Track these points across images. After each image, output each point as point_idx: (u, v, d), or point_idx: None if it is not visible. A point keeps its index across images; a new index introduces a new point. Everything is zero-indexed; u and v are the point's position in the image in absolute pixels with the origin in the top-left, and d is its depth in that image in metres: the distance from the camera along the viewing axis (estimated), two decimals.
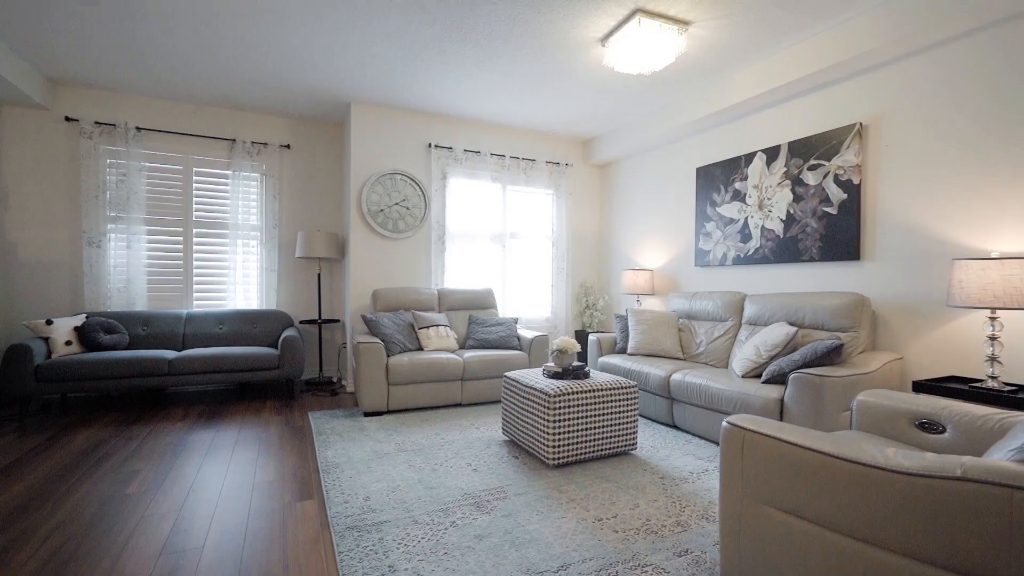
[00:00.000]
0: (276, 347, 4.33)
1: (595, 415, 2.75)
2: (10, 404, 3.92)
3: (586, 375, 2.93)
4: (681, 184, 4.67)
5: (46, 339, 3.64)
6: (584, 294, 5.66)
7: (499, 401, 4.14)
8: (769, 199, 3.78)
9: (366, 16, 3.04)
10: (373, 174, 4.59)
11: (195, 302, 4.56)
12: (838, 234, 3.30)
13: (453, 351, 4.14)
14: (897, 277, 3.01)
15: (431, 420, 3.59)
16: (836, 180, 3.31)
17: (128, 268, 4.26)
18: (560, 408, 2.65)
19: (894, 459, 1.19)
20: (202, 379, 3.83)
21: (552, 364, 2.98)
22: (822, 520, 1.31)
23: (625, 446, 2.85)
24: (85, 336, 3.74)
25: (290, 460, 2.80)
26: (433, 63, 3.68)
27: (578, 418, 2.70)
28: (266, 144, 4.74)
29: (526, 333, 4.37)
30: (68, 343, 3.68)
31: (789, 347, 3.03)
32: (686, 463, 2.78)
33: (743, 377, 3.14)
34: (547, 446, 2.64)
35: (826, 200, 3.37)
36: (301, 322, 4.69)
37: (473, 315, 4.59)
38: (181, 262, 4.51)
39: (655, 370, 3.54)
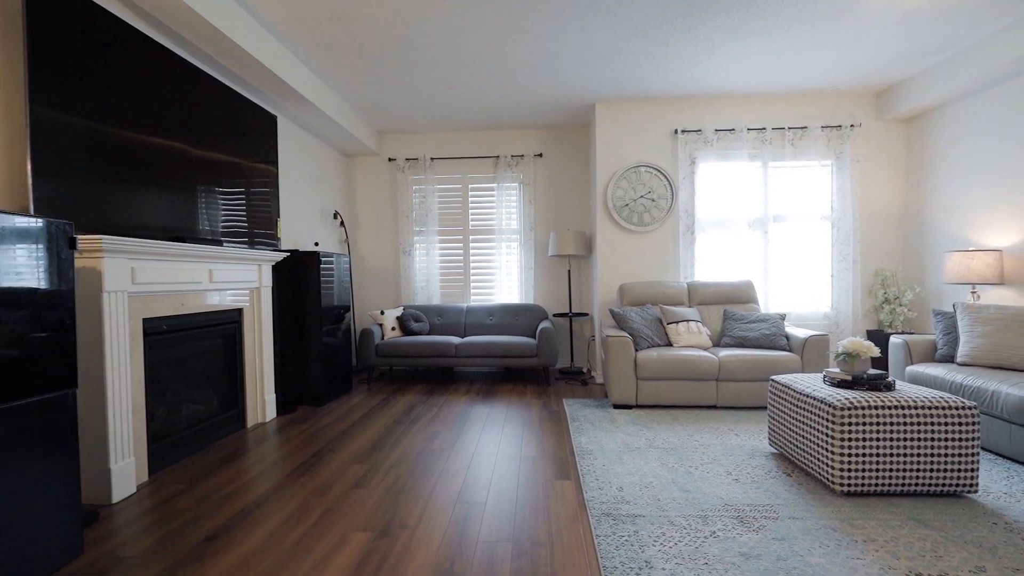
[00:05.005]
0: (534, 337, 4.81)
1: (905, 439, 2.15)
2: (361, 371, 5.43)
3: (889, 386, 2.32)
4: None
5: (380, 325, 4.90)
6: (880, 285, 4.50)
7: (763, 407, 3.66)
8: None
9: (610, 12, 3.08)
10: (618, 170, 4.63)
11: (472, 297, 5.46)
12: None
13: (706, 348, 3.85)
14: None
15: (682, 419, 3.42)
16: None
17: (427, 270, 5.39)
18: (850, 424, 2.16)
19: None
20: (478, 362, 4.55)
21: (837, 370, 2.46)
22: None
23: (956, 485, 2.15)
24: (403, 324, 4.89)
25: (549, 441, 3.06)
26: (679, 44, 3.47)
27: (878, 440, 2.16)
28: (522, 156, 5.31)
29: (797, 332, 3.74)
30: (393, 328, 4.87)
31: None
32: None
33: None
34: (832, 468, 2.19)
35: None
36: (554, 315, 5.09)
37: (728, 310, 4.17)
38: (461, 264, 5.46)
39: (1009, 388, 2.55)
